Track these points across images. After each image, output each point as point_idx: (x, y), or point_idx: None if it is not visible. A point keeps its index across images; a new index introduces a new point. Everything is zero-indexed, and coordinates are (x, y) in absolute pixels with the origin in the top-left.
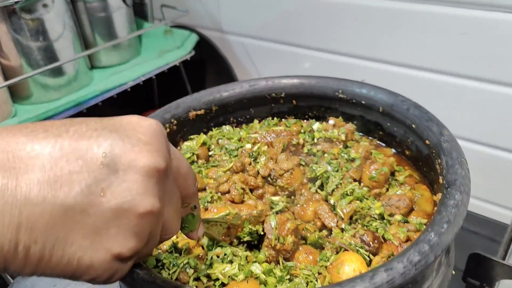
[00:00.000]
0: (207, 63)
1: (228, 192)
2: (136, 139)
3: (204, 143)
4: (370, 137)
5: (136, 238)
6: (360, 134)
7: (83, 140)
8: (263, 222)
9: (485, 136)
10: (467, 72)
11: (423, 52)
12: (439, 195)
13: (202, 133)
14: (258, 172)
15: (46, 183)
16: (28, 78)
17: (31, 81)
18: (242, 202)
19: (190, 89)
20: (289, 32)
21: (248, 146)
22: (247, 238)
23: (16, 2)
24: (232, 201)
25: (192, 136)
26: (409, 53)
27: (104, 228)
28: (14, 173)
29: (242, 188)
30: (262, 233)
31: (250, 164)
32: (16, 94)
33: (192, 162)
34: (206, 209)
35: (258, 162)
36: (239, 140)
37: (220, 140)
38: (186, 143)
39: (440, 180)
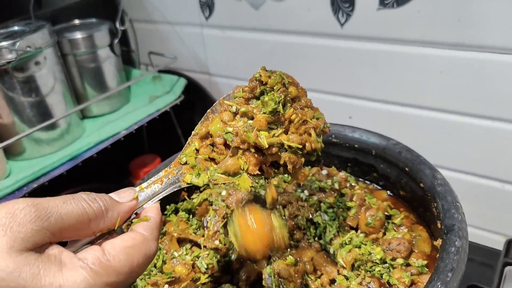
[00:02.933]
0: (196, 105)
1: None
2: None
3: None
4: (365, 180)
5: None
6: (354, 178)
7: None
8: None
9: (469, 166)
10: (446, 106)
11: (405, 89)
12: (439, 241)
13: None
14: None
15: None
16: (23, 137)
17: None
18: None
19: (181, 132)
20: None
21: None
22: None
23: (8, 62)
24: None
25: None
26: (392, 91)
27: None
28: None
29: None
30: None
31: None
32: (9, 150)
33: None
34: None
35: None
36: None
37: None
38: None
39: (438, 225)
